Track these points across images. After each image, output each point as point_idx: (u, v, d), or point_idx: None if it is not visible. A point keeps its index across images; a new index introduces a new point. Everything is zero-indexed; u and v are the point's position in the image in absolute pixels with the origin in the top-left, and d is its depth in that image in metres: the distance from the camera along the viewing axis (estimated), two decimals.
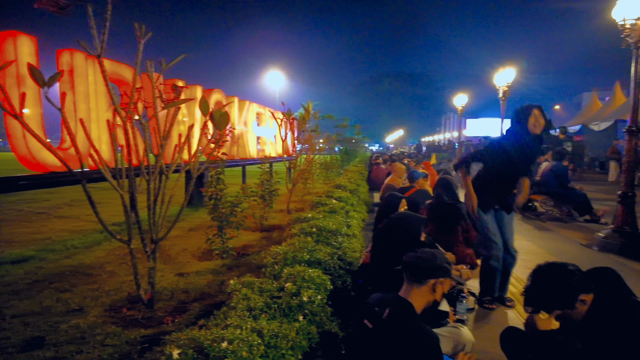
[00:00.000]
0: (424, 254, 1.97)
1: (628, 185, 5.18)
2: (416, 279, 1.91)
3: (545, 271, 1.85)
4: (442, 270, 1.94)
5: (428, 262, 1.92)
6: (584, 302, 1.77)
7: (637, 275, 4.38)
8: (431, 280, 1.91)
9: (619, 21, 5.22)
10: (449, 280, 1.97)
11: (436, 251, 2.02)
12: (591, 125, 19.12)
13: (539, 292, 1.83)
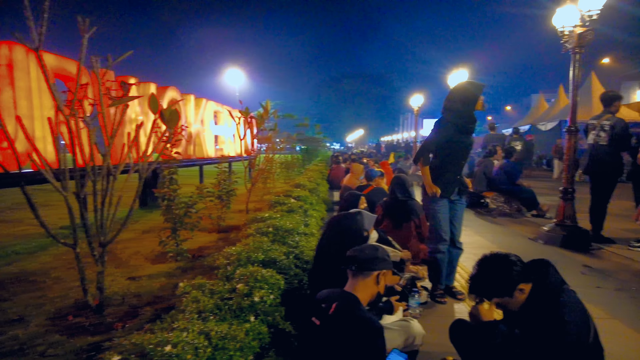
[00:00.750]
0: (365, 248, 2.04)
1: (568, 181, 5.50)
2: (360, 271, 1.96)
3: (489, 261, 1.93)
4: (384, 262, 2.01)
5: (370, 255, 1.99)
6: (523, 290, 1.86)
7: (576, 265, 4.67)
8: (374, 272, 1.97)
9: (559, 28, 5.53)
10: (391, 272, 2.05)
11: (377, 245, 2.10)
12: (539, 125, 20.18)
13: (482, 280, 1.91)
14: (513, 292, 1.85)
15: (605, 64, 41.70)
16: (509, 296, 1.85)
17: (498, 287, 1.85)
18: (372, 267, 1.97)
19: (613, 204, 5.86)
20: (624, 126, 5.39)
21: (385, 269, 2.00)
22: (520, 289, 1.85)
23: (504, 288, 1.84)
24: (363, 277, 1.96)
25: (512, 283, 1.84)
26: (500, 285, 1.85)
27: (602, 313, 3.37)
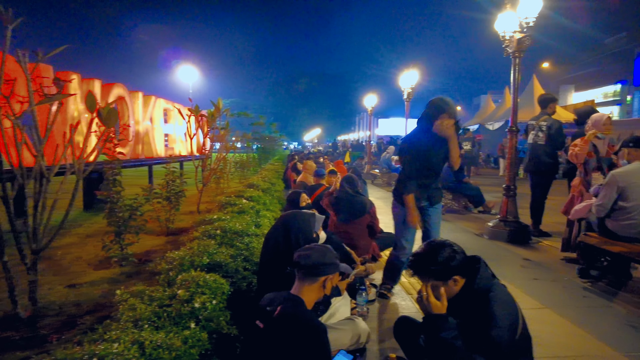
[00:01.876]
0: (313, 252, 1.99)
1: (511, 179, 5.80)
2: (307, 276, 1.93)
3: (436, 244, 1.99)
4: (332, 267, 1.98)
5: (317, 260, 1.95)
6: (456, 282, 1.93)
7: (517, 259, 4.92)
8: (321, 277, 1.95)
9: (501, 33, 5.81)
10: (338, 275, 2.03)
11: (326, 247, 2.06)
12: (487, 125, 21.13)
13: (424, 258, 1.96)
14: (448, 280, 1.91)
15: (545, 68, 44.32)
16: (443, 282, 1.91)
17: (436, 270, 1.91)
18: (319, 272, 1.94)
19: (551, 200, 6.23)
20: (559, 127, 5.74)
21: (332, 274, 1.98)
22: (454, 279, 1.92)
23: (441, 273, 1.90)
24: (310, 282, 1.93)
25: (449, 270, 1.90)
26: (438, 269, 1.91)
27: (537, 303, 3.58)
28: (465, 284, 1.95)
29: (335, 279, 2.00)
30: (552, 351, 2.77)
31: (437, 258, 1.91)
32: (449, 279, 1.92)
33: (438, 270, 1.91)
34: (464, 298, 1.95)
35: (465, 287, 1.94)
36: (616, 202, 3.80)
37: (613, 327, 3.16)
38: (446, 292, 1.95)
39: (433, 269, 1.92)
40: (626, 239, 3.77)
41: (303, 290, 1.91)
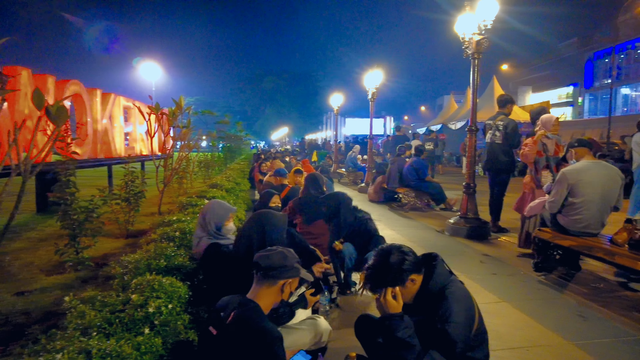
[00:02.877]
0: (274, 254, 1.94)
1: (470, 177, 5.97)
2: (265, 278, 1.88)
3: (383, 252, 2.00)
4: (292, 271, 1.93)
5: (277, 262, 1.90)
6: (414, 281, 1.95)
7: (477, 254, 5.07)
8: (280, 281, 1.89)
9: (461, 35, 5.96)
10: (298, 279, 1.97)
11: (288, 250, 1.99)
12: (449, 124, 21.68)
13: (376, 269, 1.97)
14: (405, 282, 1.93)
15: (504, 70, 45.97)
16: (401, 285, 1.94)
17: (391, 277, 1.92)
18: (279, 275, 1.88)
19: (510, 197, 6.45)
20: (515, 126, 5.96)
21: (292, 278, 1.92)
22: (412, 279, 1.94)
23: (396, 278, 1.92)
24: (268, 285, 1.87)
25: (403, 273, 1.92)
26: (392, 275, 1.92)
27: (495, 297, 3.69)
28: (423, 280, 1.98)
29: (294, 284, 1.95)
30: (508, 343, 2.86)
31: (389, 266, 1.93)
32: (406, 281, 1.95)
33: (393, 278, 1.93)
34: (422, 295, 1.98)
35: (423, 284, 1.97)
36: (567, 199, 3.98)
37: (564, 318, 3.30)
38: (406, 292, 1.98)
39: (388, 279, 1.93)
40: (576, 233, 3.95)
41: (260, 294, 1.85)
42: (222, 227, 2.97)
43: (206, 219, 2.93)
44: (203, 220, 2.95)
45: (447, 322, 1.84)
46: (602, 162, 4.10)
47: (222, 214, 3.11)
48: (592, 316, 3.34)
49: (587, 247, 3.82)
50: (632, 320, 3.27)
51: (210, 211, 3.07)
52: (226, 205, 3.26)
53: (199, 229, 3.02)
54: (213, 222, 2.95)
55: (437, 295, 1.94)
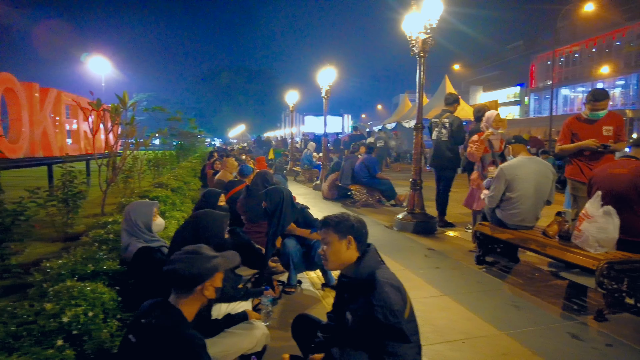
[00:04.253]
0: (179, 263, 1.75)
1: (417, 173, 6.10)
2: (178, 290, 1.74)
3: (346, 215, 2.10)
4: (206, 272, 1.77)
5: (186, 271, 1.74)
6: (350, 243, 2.02)
7: (422, 249, 5.18)
8: (197, 287, 1.75)
9: (408, 34, 6.06)
10: (221, 274, 1.87)
11: (196, 251, 1.83)
12: (403, 122, 22.18)
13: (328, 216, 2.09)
14: (343, 238, 2.03)
15: (456, 70, 47.66)
16: (340, 236, 2.03)
17: (341, 225, 2.04)
18: (191, 284, 1.73)
19: (456, 192, 6.67)
20: (460, 123, 6.16)
21: (209, 279, 1.77)
22: (349, 239, 2.02)
23: (339, 225, 2.04)
24: (184, 296, 1.74)
25: (345, 226, 2.04)
26: (336, 221, 2.06)
27: (437, 291, 3.79)
28: (355, 261, 2.02)
29: (217, 281, 1.84)
30: (445, 336, 2.94)
31: (337, 215, 2.09)
32: (345, 236, 2.02)
33: (336, 221, 2.04)
34: (353, 279, 2.01)
35: (355, 264, 2.02)
36: (504, 194, 4.14)
37: (500, 309, 3.44)
38: (340, 252, 2.03)
39: (333, 219, 2.06)
40: (512, 226, 4.13)
41: (179, 300, 1.74)
42: (151, 225, 2.85)
43: (132, 220, 2.80)
44: (129, 223, 2.81)
45: (385, 305, 1.85)
46: (536, 158, 4.30)
47: (146, 211, 2.98)
48: (525, 305, 3.50)
49: (523, 239, 4.00)
50: (560, 307, 3.46)
51: (133, 212, 2.93)
52: (147, 202, 3.18)
53: (125, 235, 2.87)
54: (140, 222, 2.82)
55: (368, 280, 1.95)
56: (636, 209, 3.42)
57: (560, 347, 2.80)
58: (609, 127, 4.38)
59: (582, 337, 2.94)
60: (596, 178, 3.80)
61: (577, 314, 3.34)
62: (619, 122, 4.44)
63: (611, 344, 2.84)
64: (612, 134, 4.35)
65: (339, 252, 2.04)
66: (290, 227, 3.70)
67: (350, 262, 2.04)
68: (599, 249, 3.30)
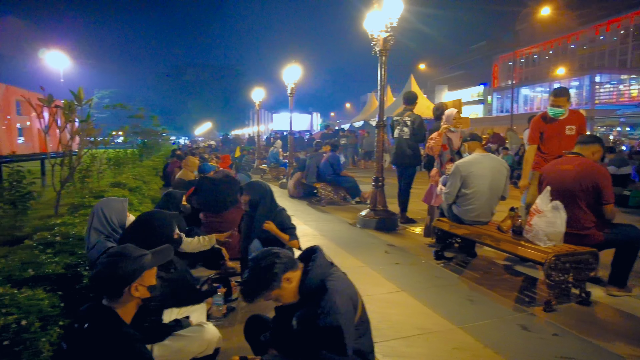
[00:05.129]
0: (102, 267, 1.68)
1: (379, 171, 6.16)
2: (107, 296, 1.67)
3: (255, 259, 1.95)
4: (132, 274, 1.69)
5: (109, 275, 1.66)
6: (290, 280, 1.93)
7: (383, 245, 5.23)
8: (124, 289, 1.69)
9: (369, 32, 6.09)
10: (151, 271, 1.79)
11: (124, 251, 1.77)
12: (371, 121, 22.41)
13: (249, 284, 1.92)
14: (280, 283, 1.91)
15: (422, 70, 48.58)
16: (277, 288, 1.91)
17: (263, 283, 1.89)
18: (117, 287, 1.65)
19: (417, 189, 6.77)
20: (421, 121, 6.26)
21: (136, 280, 1.70)
22: (287, 278, 1.92)
23: (268, 282, 1.89)
24: (114, 300, 1.67)
25: (275, 276, 1.89)
26: (263, 281, 1.89)
27: (395, 287, 3.83)
28: (302, 275, 1.96)
29: (148, 278, 1.75)
30: (401, 332, 2.97)
31: (260, 273, 1.89)
32: (281, 282, 1.91)
33: (266, 283, 1.89)
34: (304, 289, 1.96)
35: (303, 279, 1.95)
36: (460, 190, 4.24)
37: (455, 303, 3.51)
38: (285, 292, 1.94)
39: (262, 286, 1.90)
40: (469, 222, 4.23)
41: (113, 305, 1.66)
42: (125, 222, 2.78)
43: (106, 217, 2.71)
44: (101, 221, 2.72)
45: (330, 314, 1.84)
46: (490, 155, 4.42)
47: (120, 207, 2.91)
48: (480, 299, 3.59)
49: (478, 234, 4.10)
50: (513, 300, 3.57)
51: (106, 208, 2.85)
52: (118, 198, 3.08)
53: (94, 234, 2.76)
54: (115, 218, 2.75)
55: (318, 288, 1.92)
56: (581, 204, 3.57)
57: (510, 339, 2.89)
58: (572, 126, 4.54)
59: (530, 328, 3.04)
60: (546, 173, 3.95)
61: (528, 306, 3.45)
62: (580, 121, 4.62)
63: (557, 334, 2.95)
64: (575, 133, 4.53)
65: (289, 292, 1.95)
66: (269, 227, 3.57)
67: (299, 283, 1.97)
68: (548, 242, 3.42)
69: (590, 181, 3.54)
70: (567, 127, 4.53)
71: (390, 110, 19.61)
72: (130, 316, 1.72)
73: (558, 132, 4.54)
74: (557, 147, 4.47)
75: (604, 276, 3.78)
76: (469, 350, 2.73)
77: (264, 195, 3.65)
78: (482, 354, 2.69)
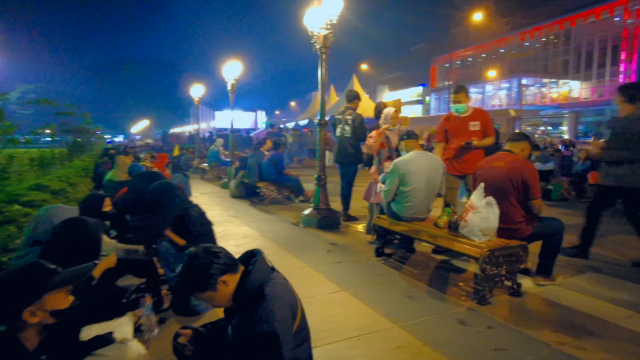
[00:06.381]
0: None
1: (321, 169, 6.11)
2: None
3: (190, 256, 1.81)
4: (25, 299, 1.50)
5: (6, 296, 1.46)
6: (226, 282, 1.81)
7: (325, 244, 5.18)
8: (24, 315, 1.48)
9: (310, 29, 6.01)
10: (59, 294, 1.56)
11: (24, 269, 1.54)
12: (314, 119, 22.47)
13: (182, 281, 1.80)
14: (215, 286, 1.78)
15: (364, 70, 49.65)
16: (211, 290, 1.78)
17: (196, 283, 1.77)
18: (11, 312, 1.45)
19: (360, 186, 6.79)
20: (362, 120, 6.29)
21: (36, 301, 1.49)
22: (223, 281, 1.79)
23: (203, 283, 1.77)
24: (11, 323, 1.47)
25: (211, 277, 1.76)
26: (198, 281, 1.77)
27: (336, 287, 3.76)
28: (241, 279, 1.84)
29: (53, 299, 1.53)
30: (342, 334, 2.90)
31: (195, 271, 1.77)
32: (217, 285, 1.78)
33: (201, 283, 1.77)
34: (241, 295, 1.83)
35: (240, 283, 1.83)
36: (398, 188, 4.27)
37: (395, 301, 3.51)
38: (219, 295, 1.81)
39: (196, 286, 1.78)
40: (407, 219, 4.27)
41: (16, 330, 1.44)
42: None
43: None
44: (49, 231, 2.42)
45: (267, 322, 1.72)
46: (427, 153, 4.50)
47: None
48: (419, 296, 3.62)
49: (416, 231, 4.16)
50: (450, 295, 3.64)
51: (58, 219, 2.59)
52: (70, 207, 2.94)
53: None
54: None
55: (257, 294, 1.80)
56: (511, 199, 3.72)
57: (448, 335, 2.92)
58: (476, 122, 4.82)
59: (467, 322, 3.10)
60: (480, 170, 4.08)
61: (464, 300, 3.53)
62: (484, 117, 4.90)
63: (492, 326, 3.03)
64: (479, 129, 4.76)
65: (223, 295, 1.82)
66: (168, 233, 3.36)
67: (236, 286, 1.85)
68: (483, 237, 3.52)
69: (520, 177, 3.69)
70: (470, 123, 4.82)
71: (334, 109, 19.76)
72: (36, 340, 1.48)
73: (462, 129, 4.81)
74: (462, 143, 4.75)
75: (532, 267, 3.97)
76: (409, 349, 2.72)
77: (162, 196, 3.43)
78: (422, 352, 2.69)
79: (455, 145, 4.80)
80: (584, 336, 2.91)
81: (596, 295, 3.63)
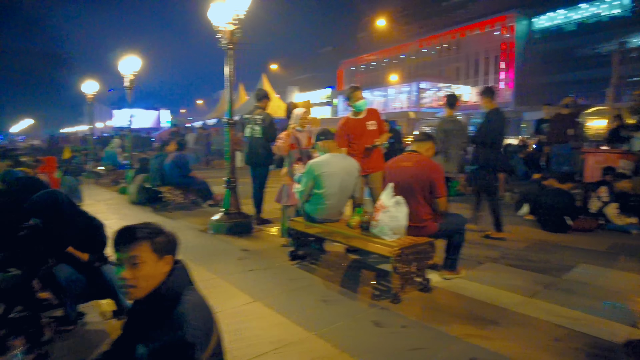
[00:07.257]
0: None
1: (231, 170, 5.81)
2: None
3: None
4: None
5: None
6: (168, 262, 1.70)
7: (236, 250, 4.92)
8: None
9: (215, 24, 5.67)
10: None
11: None
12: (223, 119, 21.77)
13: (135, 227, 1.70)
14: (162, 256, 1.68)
15: (274, 70, 49.54)
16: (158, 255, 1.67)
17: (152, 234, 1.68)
18: None
19: (272, 188, 6.60)
20: (271, 120, 6.12)
21: None
22: (166, 258, 1.68)
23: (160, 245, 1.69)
24: None
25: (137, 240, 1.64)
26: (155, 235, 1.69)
27: (248, 298, 3.54)
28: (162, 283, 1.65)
29: None
30: (255, 350, 2.70)
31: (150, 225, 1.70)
32: (162, 255, 1.66)
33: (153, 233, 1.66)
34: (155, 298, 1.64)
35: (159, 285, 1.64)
36: (312, 190, 4.18)
37: (310, 307, 3.40)
38: (155, 275, 1.64)
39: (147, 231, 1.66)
40: (321, 220, 4.20)
41: None
42: None
43: None
44: None
45: (182, 328, 1.52)
46: (342, 155, 4.46)
47: None
48: (333, 299, 3.55)
49: (330, 232, 4.11)
50: (364, 295, 3.64)
51: None
52: None
53: None
54: None
55: (172, 300, 1.61)
56: (419, 198, 3.83)
57: (364, 338, 2.88)
58: (372, 121, 4.94)
59: (382, 323, 3.10)
60: (389, 170, 4.15)
61: (378, 299, 3.54)
62: (377, 116, 5.07)
63: (406, 325, 3.06)
64: (377, 127, 4.93)
65: (154, 276, 1.63)
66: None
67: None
68: (393, 236, 3.56)
69: (426, 176, 3.82)
70: (367, 123, 4.94)
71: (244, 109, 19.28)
72: None
73: (362, 130, 4.90)
74: (364, 143, 4.82)
75: (438, 261, 4.13)
76: (327, 359, 2.62)
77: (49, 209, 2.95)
78: None
79: (362, 148, 4.82)
80: (488, 326, 3.07)
81: (494, 284, 3.88)
